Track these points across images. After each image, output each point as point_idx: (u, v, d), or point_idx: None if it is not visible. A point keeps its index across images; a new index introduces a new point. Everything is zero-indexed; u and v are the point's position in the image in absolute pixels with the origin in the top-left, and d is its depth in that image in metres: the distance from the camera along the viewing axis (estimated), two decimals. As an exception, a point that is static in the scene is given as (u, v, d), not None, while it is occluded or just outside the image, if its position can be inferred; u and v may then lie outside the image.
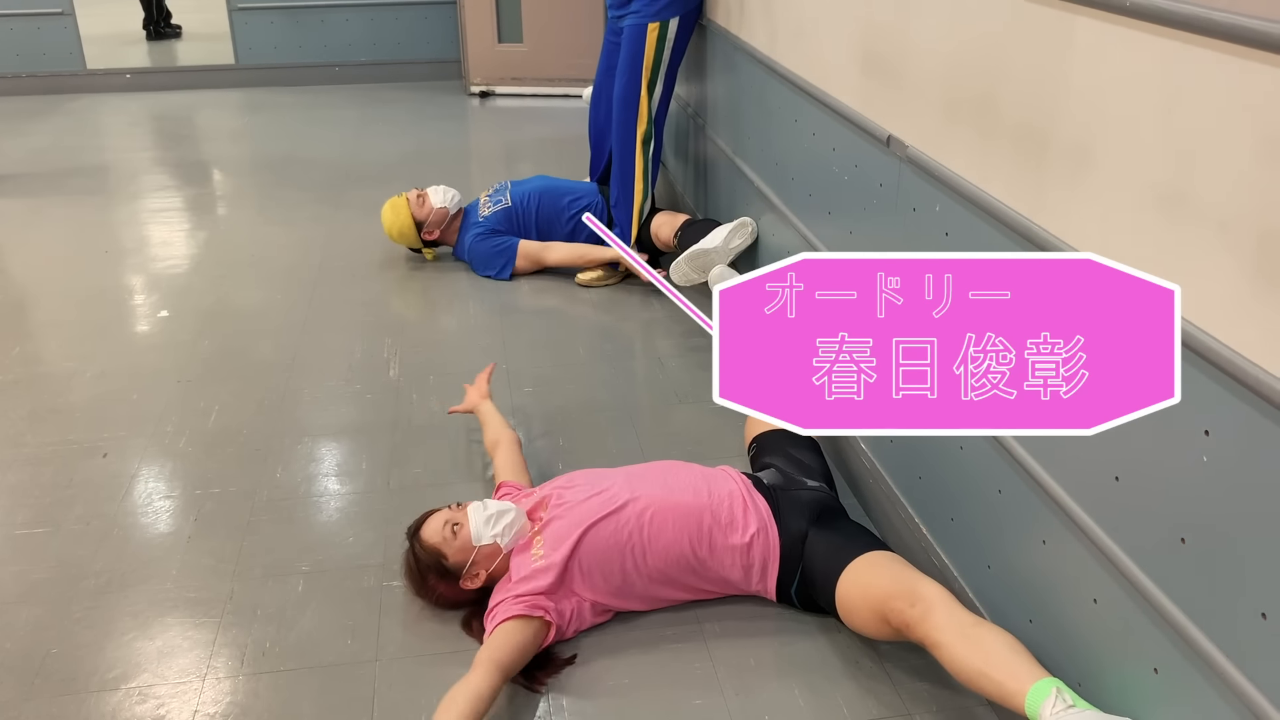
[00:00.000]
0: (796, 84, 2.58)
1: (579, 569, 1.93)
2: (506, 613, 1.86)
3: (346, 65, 6.76)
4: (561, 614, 1.92)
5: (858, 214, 2.26)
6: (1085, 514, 1.49)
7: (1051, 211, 1.52)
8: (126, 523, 2.33)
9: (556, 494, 2.06)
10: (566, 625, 1.93)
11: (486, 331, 3.28)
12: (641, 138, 3.47)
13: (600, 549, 1.94)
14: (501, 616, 1.86)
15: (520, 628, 1.85)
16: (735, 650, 1.94)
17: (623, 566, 1.95)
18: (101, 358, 3.10)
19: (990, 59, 1.66)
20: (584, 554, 1.93)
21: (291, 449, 2.62)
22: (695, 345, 3.16)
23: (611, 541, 1.94)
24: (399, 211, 3.70)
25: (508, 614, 1.86)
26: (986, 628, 1.64)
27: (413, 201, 3.70)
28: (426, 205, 3.69)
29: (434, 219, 3.69)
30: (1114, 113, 1.37)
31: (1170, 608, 1.32)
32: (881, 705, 1.81)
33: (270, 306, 3.47)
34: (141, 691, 1.85)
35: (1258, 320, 1.15)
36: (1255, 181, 1.14)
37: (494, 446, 2.39)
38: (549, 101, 6.33)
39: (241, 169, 5.11)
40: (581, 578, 1.94)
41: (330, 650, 1.95)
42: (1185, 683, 1.31)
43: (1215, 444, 1.22)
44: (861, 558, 1.88)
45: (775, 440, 2.27)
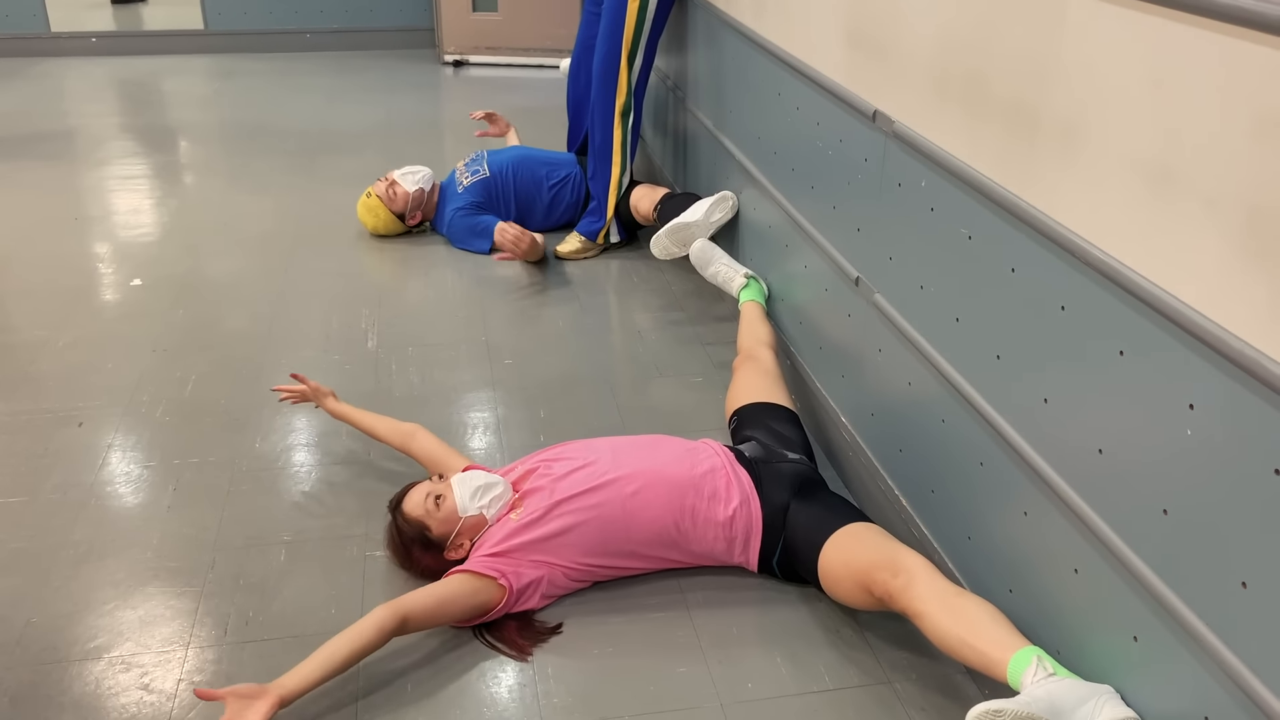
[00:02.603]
0: (780, 57, 2.57)
1: (559, 540, 1.94)
2: (464, 567, 1.89)
3: (318, 32, 6.66)
4: (520, 577, 1.91)
5: (841, 189, 2.27)
6: (1068, 486, 1.52)
7: (1040, 188, 1.54)
8: (104, 492, 2.31)
9: (544, 465, 2.06)
10: (527, 591, 1.93)
11: (465, 303, 3.26)
12: (620, 110, 3.46)
13: (584, 522, 1.95)
14: (461, 568, 1.89)
15: (462, 582, 1.87)
16: (718, 619, 1.96)
17: (606, 540, 1.96)
18: (73, 326, 3.06)
19: (981, 34, 1.67)
20: (566, 526, 1.94)
21: (270, 419, 2.60)
22: (675, 319, 3.17)
23: (596, 515, 1.95)
24: (375, 211, 3.67)
25: (464, 568, 1.89)
26: (968, 597, 1.67)
27: (384, 195, 3.66)
28: (400, 195, 3.65)
29: (412, 204, 3.67)
30: (1104, 89, 1.38)
31: (1151, 577, 1.35)
32: (862, 673, 1.84)
33: (245, 275, 3.43)
34: (125, 660, 1.84)
35: (1243, 296, 1.17)
36: (1243, 159, 1.16)
37: (408, 438, 2.29)
38: (523, 72, 6.29)
39: (211, 136, 5.04)
40: (561, 548, 1.94)
41: (314, 620, 1.95)
42: (1165, 650, 1.34)
43: (1199, 418, 1.25)
44: (844, 529, 1.90)
45: (755, 413, 2.29)
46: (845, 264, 2.27)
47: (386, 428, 2.34)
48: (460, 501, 1.99)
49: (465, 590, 1.87)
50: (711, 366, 2.88)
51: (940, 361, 1.87)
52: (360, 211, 3.72)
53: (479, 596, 1.88)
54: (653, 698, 1.79)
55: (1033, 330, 1.58)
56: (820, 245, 2.40)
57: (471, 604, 1.87)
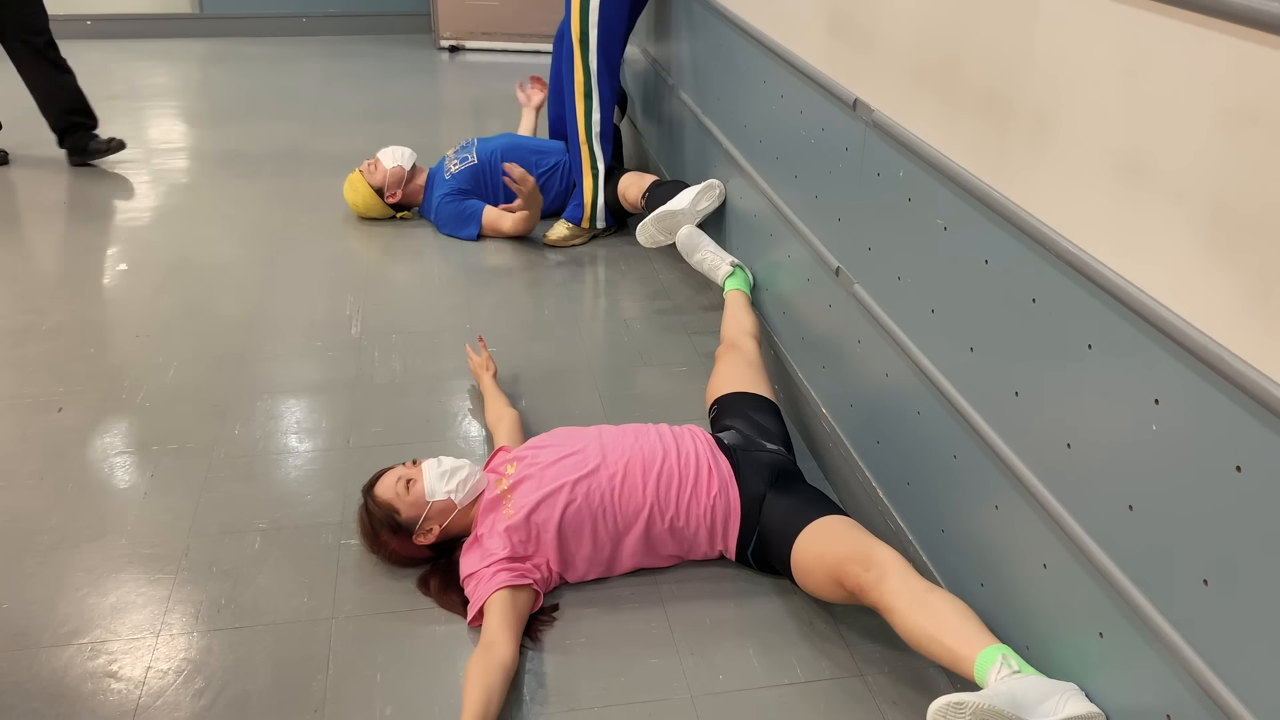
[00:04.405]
0: (766, 44, 2.55)
1: (548, 531, 1.93)
2: (499, 582, 1.86)
3: (314, 16, 6.63)
4: (541, 580, 1.93)
5: (823, 178, 2.25)
6: (1037, 480, 1.50)
7: (1013, 179, 1.52)
8: (81, 478, 2.30)
9: (531, 454, 2.06)
10: (543, 588, 1.94)
11: (451, 290, 3.25)
12: (581, 92, 3.44)
13: (572, 511, 1.94)
14: (495, 585, 1.86)
15: (515, 595, 1.86)
16: (692, 611, 1.95)
17: (594, 530, 1.95)
18: (58, 311, 3.05)
19: (957, 20, 1.65)
20: (554, 516, 1.93)
21: (251, 406, 2.59)
22: (661, 308, 3.15)
23: (583, 504, 1.94)
24: (356, 186, 3.70)
25: (502, 583, 1.86)
26: (939, 594, 1.66)
27: (366, 171, 3.69)
28: (380, 170, 3.68)
29: (391, 180, 3.66)
30: (1075, 80, 1.37)
31: (1116, 573, 1.34)
32: (835, 666, 1.83)
33: (232, 262, 3.42)
34: (94, 647, 1.84)
35: (1208, 290, 1.16)
36: (1211, 152, 1.14)
37: (496, 423, 2.39)
38: (520, 57, 6.26)
39: (204, 121, 5.02)
40: (550, 540, 1.94)
41: (286, 607, 1.94)
42: (1130, 647, 1.33)
43: (1164, 413, 1.23)
44: (817, 521, 1.89)
45: (735, 403, 2.28)
46: (827, 254, 2.26)
47: (498, 403, 2.46)
48: (429, 485, 1.98)
49: (523, 600, 1.87)
50: (696, 356, 2.87)
51: (916, 353, 1.85)
52: (344, 189, 3.73)
53: (530, 603, 1.89)
54: (622, 689, 1.78)
55: (1005, 323, 1.57)
56: (803, 235, 2.39)
57: (530, 611, 1.89)
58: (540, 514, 1.93)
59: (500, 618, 1.81)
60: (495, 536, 1.93)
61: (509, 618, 1.82)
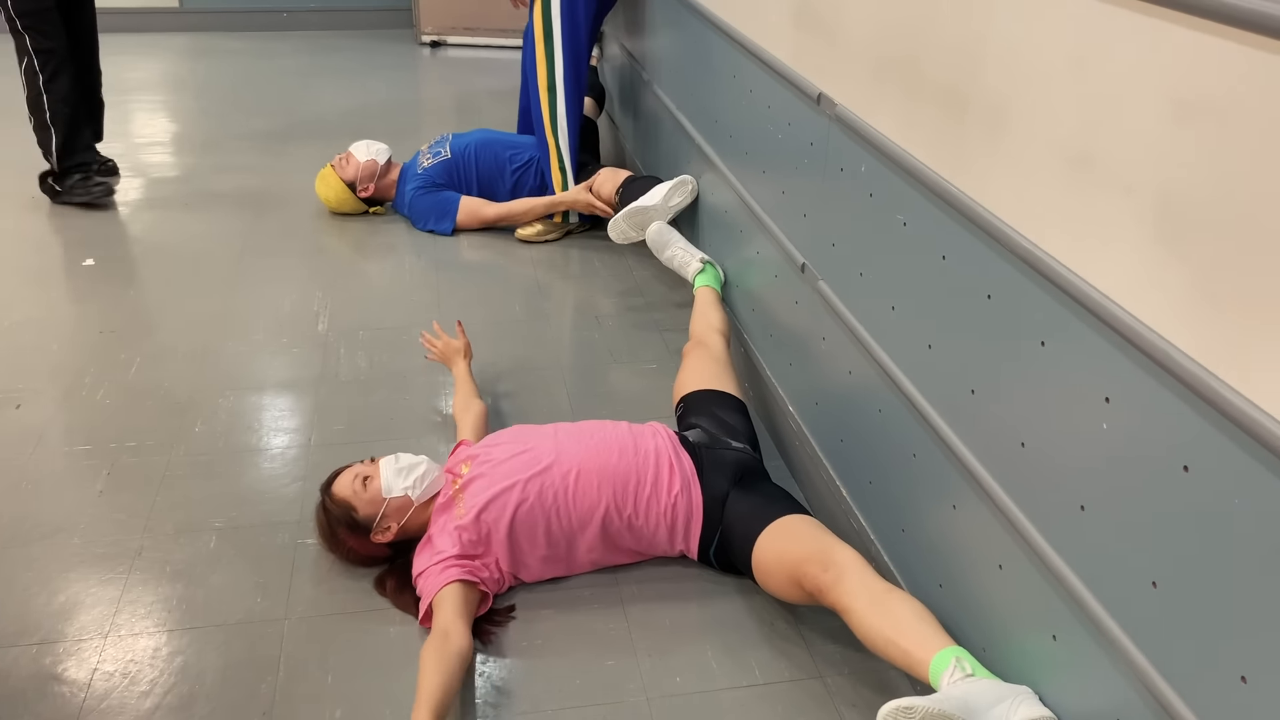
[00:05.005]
0: (735, 38, 2.52)
1: (498, 530, 1.90)
2: (449, 577, 1.83)
3: (295, 12, 6.58)
4: (492, 581, 1.90)
5: (789, 173, 2.23)
6: (992, 479, 1.48)
7: (968, 173, 1.50)
8: (36, 476, 2.27)
9: (484, 451, 2.02)
10: (494, 589, 1.91)
11: (422, 286, 3.22)
12: (545, 85, 3.43)
13: (524, 511, 1.90)
14: (445, 580, 1.83)
15: (466, 590, 1.84)
16: (651, 611, 1.93)
17: (547, 529, 1.92)
18: (21, 305, 3.01)
19: (917, 17, 1.62)
20: (505, 515, 1.90)
21: (213, 403, 2.56)
22: (634, 304, 3.12)
23: (535, 503, 1.91)
24: (328, 181, 3.66)
25: (451, 578, 1.83)
26: (897, 595, 1.63)
27: (338, 165, 3.66)
28: (352, 164, 3.64)
29: (363, 174, 3.63)
30: (1028, 73, 1.34)
31: (1069, 575, 1.31)
32: (794, 667, 1.81)
33: (201, 257, 3.38)
34: (39, 648, 1.80)
35: (1157, 287, 1.13)
36: (1160, 145, 1.12)
37: (463, 412, 2.36)
38: (501, 53, 6.21)
39: (181, 116, 4.97)
40: (501, 540, 1.90)
41: (239, 608, 1.91)
42: (1082, 650, 1.30)
43: (1114, 411, 1.21)
44: (778, 521, 1.86)
45: (702, 400, 2.25)
46: (793, 250, 2.23)
47: (465, 391, 2.42)
48: (385, 481, 1.95)
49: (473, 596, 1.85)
50: (667, 353, 2.84)
51: (877, 350, 1.83)
52: (316, 184, 3.69)
53: (477, 602, 1.86)
54: (578, 691, 1.75)
55: (961, 319, 1.54)
56: (771, 231, 2.36)
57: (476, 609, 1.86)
58: (490, 513, 1.90)
59: (453, 609, 1.78)
60: (445, 535, 1.90)
61: (461, 610, 1.79)
